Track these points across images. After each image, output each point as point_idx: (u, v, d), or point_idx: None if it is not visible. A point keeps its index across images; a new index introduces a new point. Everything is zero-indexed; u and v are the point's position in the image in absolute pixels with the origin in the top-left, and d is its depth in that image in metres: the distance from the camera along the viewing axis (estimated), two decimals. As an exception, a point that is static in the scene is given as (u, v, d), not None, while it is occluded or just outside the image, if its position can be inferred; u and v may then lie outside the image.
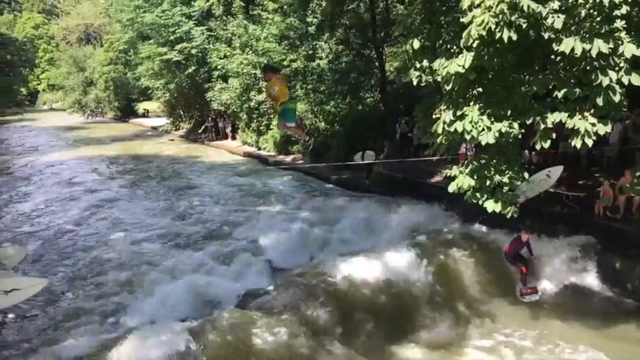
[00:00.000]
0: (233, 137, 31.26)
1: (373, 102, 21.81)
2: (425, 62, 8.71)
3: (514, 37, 7.09)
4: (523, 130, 8.07)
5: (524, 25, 7.21)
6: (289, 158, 24.24)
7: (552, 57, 7.56)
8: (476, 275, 10.92)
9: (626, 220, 10.76)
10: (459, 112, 8.04)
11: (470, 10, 7.48)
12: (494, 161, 8.55)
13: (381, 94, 20.49)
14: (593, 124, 7.14)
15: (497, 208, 8.45)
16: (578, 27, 7.00)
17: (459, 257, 11.28)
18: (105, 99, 52.13)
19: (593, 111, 7.20)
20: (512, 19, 7.06)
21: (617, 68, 6.90)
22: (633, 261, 10.14)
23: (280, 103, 6.88)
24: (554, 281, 10.62)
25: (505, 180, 8.47)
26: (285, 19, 23.31)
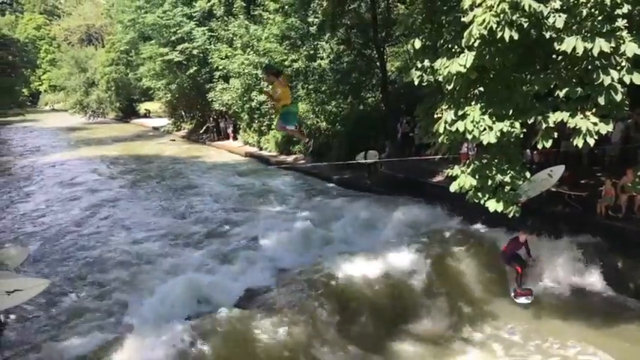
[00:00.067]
0: (234, 137, 31.27)
1: (374, 102, 21.81)
2: (426, 62, 8.69)
3: (515, 36, 7.06)
4: (525, 129, 8.04)
5: (525, 24, 7.19)
6: (291, 158, 24.25)
7: (554, 56, 7.53)
8: (477, 275, 10.92)
9: (628, 219, 10.75)
10: (460, 112, 8.02)
11: (471, 9, 7.46)
12: (495, 161, 8.53)
13: (382, 94, 20.47)
14: (595, 124, 7.12)
15: (499, 207, 8.43)
16: (580, 26, 6.99)
17: (460, 257, 11.30)
18: (106, 100, 52.24)
19: (594, 110, 7.18)
20: (514, 18, 7.03)
21: (618, 67, 6.88)
22: (635, 260, 10.12)
23: (283, 105, 6.90)
24: (556, 280, 10.60)
25: (507, 179, 8.44)
26: (286, 20, 23.29)
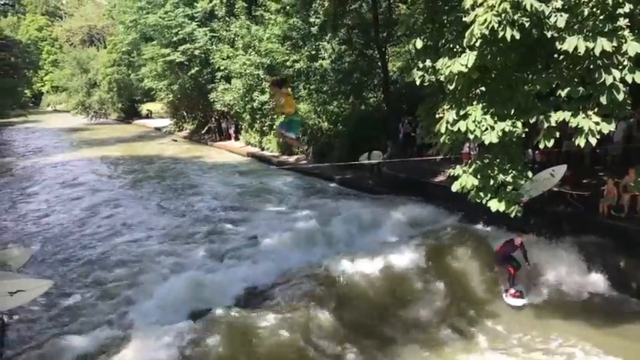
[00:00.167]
0: (236, 138, 31.28)
1: (376, 102, 21.80)
2: (428, 62, 8.70)
3: (517, 36, 7.06)
4: (526, 129, 8.04)
5: (527, 24, 7.18)
6: (292, 158, 24.24)
7: (555, 56, 7.52)
8: (478, 275, 10.90)
9: (630, 218, 10.74)
10: (462, 112, 8.02)
11: (472, 9, 7.45)
12: (497, 160, 8.52)
13: (384, 94, 20.47)
14: (597, 123, 7.11)
15: (501, 207, 8.42)
16: (582, 25, 6.98)
17: (461, 257, 11.28)
18: (108, 100, 52.30)
19: (596, 109, 7.17)
20: (515, 17, 7.03)
21: (620, 66, 6.87)
22: (638, 260, 10.10)
23: (287, 114, 6.99)
24: (558, 280, 10.57)
25: (509, 179, 8.43)
26: (287, 20, 23.30)
